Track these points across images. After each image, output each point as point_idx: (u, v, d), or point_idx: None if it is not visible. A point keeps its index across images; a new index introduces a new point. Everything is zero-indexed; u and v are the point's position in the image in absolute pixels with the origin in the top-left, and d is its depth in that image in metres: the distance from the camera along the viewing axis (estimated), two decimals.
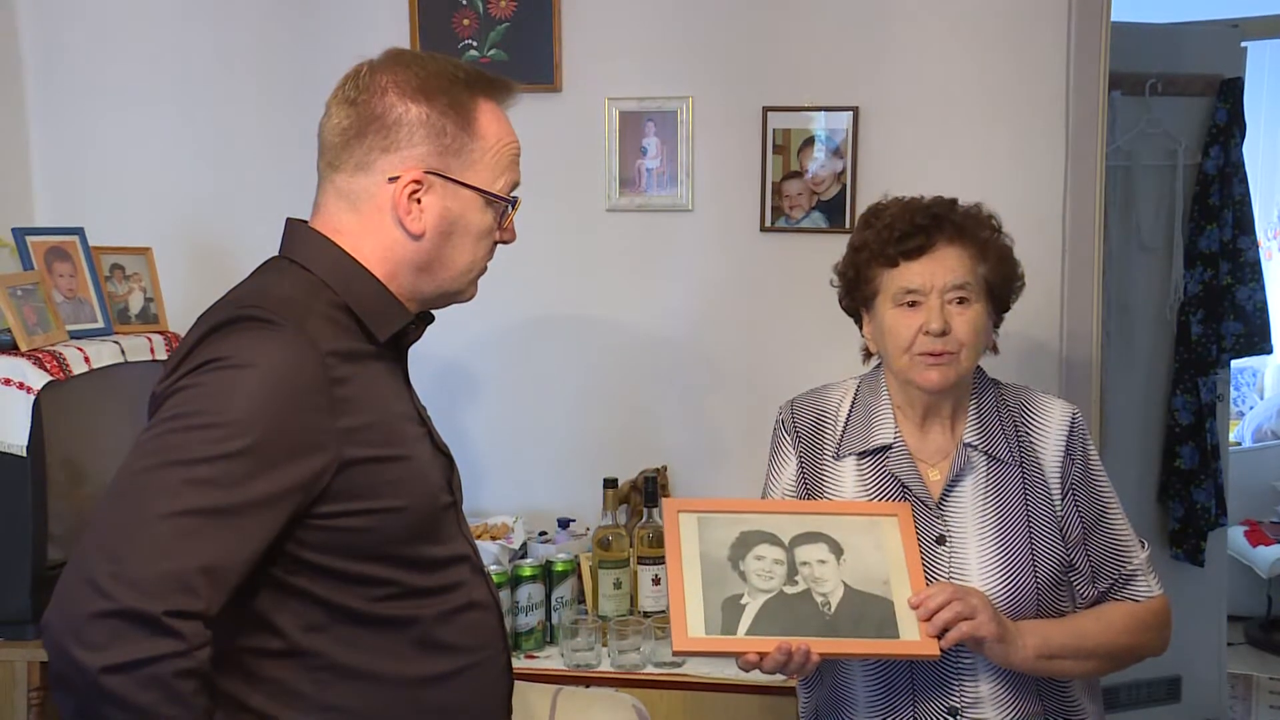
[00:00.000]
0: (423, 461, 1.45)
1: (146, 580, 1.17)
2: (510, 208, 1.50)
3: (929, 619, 1.69)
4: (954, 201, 1.87)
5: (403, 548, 1.39)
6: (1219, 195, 3.51)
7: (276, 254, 1.48)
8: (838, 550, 1.78)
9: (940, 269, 1.80)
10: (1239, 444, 5.06)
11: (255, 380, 1.27)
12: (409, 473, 1.41)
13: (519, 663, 2.38)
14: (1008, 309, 1.91)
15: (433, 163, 1.42)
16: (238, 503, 1.24)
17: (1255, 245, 3.65)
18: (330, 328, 1.37)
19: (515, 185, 1.52)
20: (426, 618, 1.42)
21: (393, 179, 1.42)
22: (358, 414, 1.34)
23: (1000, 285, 1.86)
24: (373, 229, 1.43)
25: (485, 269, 1.54)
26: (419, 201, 1.43)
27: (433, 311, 1.56)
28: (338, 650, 1.36)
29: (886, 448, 1.87)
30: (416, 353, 1.51)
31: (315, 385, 1.31)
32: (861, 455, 1.89)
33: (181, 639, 1.18)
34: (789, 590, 1.74)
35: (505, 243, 1.53)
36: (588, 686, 2.28)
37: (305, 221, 1.48)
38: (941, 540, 1.82)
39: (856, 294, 1.91)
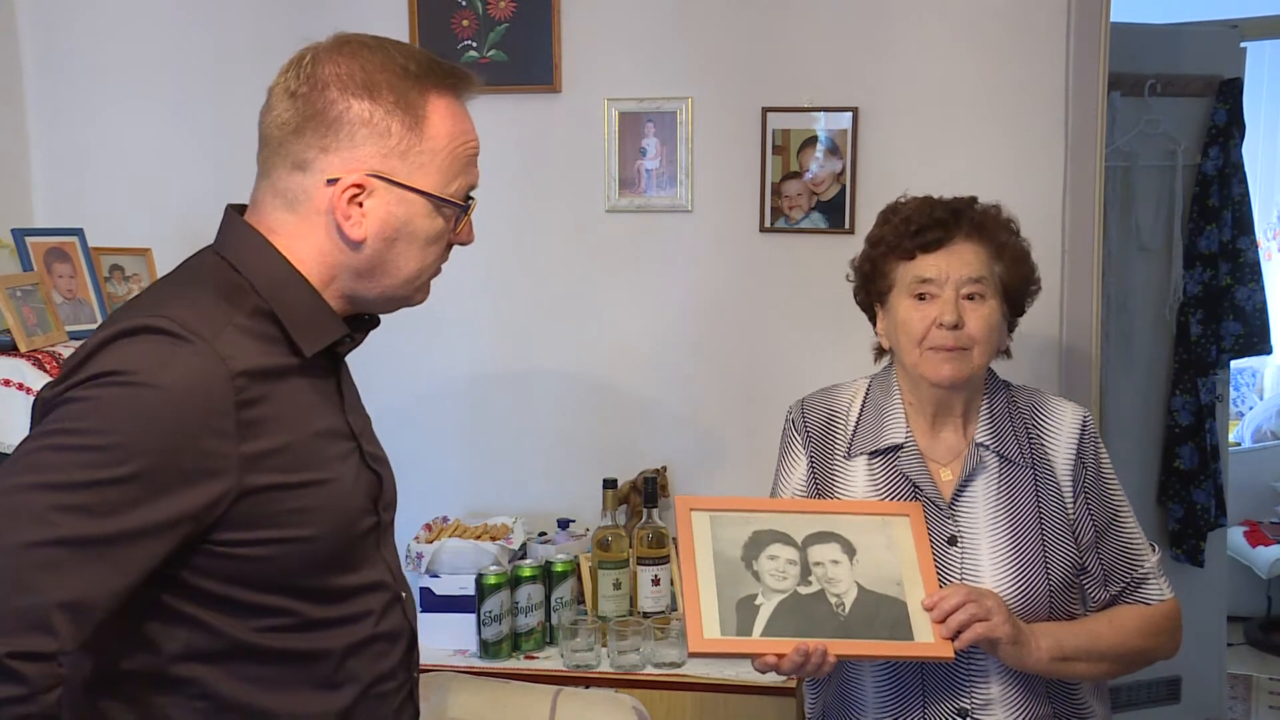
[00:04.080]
0: (343, 484, 1.35)
1: None
2: (465, 213, 1.38)
3: (943, 620, 1.69)
4: (973, 200, 1.88)
5: (306, 578, 1.31)
6: (1218, 196, 3.51)
7: (210, 245, 1.39)
8: (850, 550, 1.78)
9: (957, 262, 1.80)
10: (1238, 444, 5.06)
11: (152, 400, 1.17)
12: (322, 499, 1.31)
13: (519, 663, 2.39)
14: (1022, 312, 1.91)
15: (376, 165, 1.31)
16: (114, 533, 1.14)
17: (1255, 246, 3.65)
18: (249, 341, 1.27)
19: (472, 186, 1.40)
20: (321, 651, 1.33)
21: (332, 181, 1.31)
22: (268, 437, 1.25)
23: (1015, 287, 1.86)
24: (309, 231, 1.33)
25: (439, 271, 1.42)
26: (360, 205, 1.31)
27: (397, 314, 1.45)
28: (218, 681, 1.27)
29: (898, 447, 1.87)
30: (413, 352, 1.49)
31: (219, 408, 1.20)
32: (872, 455, 1.89)
33: (24, 683, 1.09)
34: (803, 590, 1.73)
35: (462, 244, 1.42)
36: (587, 687, 2.28)
37: (245, 210, 1.38)
38: (953, 541, 1.82)
39: (871, 289, 1.91)
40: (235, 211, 1.38)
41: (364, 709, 1.37)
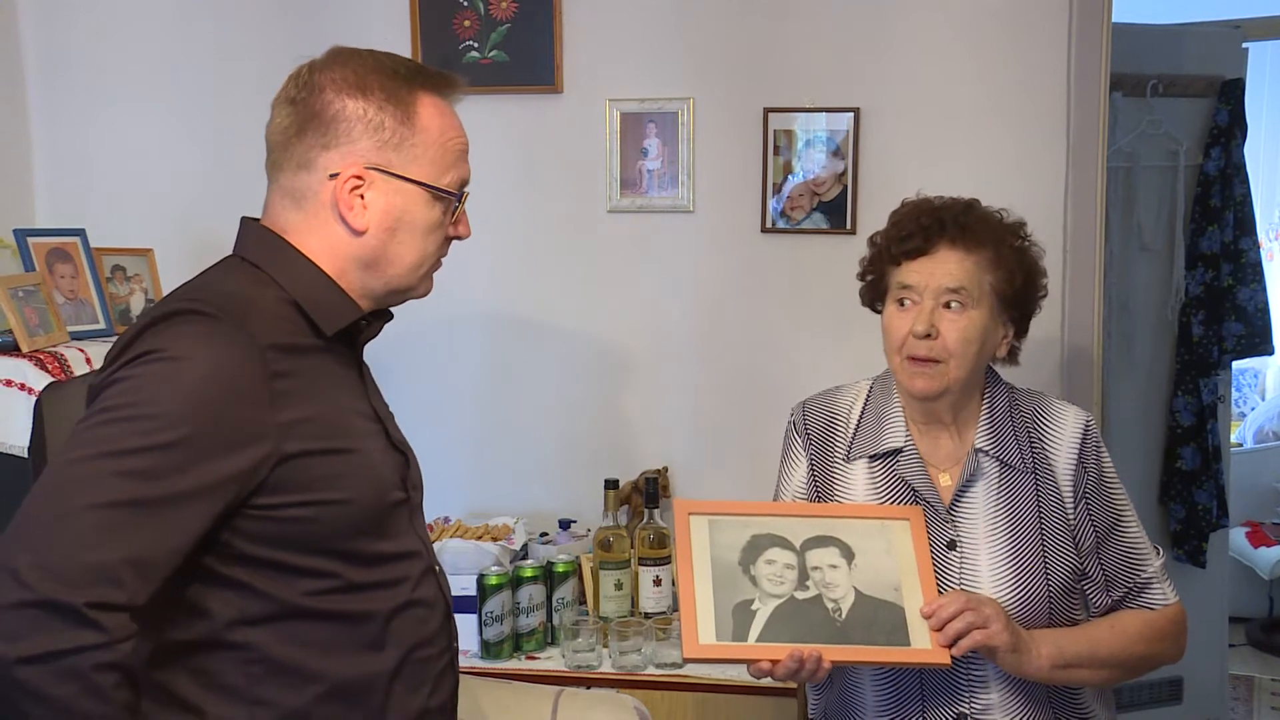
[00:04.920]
0: (372, 456, 1.44)
1: (68, 571, 1.17)
2: (459, 203, 1.49)
3: (941, 628, 1.68)
4: (970, 205, 1.85)
5: (345, 541, 1.39)
6: (1220, 196, 3.50)
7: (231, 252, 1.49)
8: (849, 555, 1.77)
9: (938, 270, 1.79)
10: (1240, 445, 5.06)
11: (191, 373, 1.27)
12: (354, 466, 1.40)
13: (520, 664, 2.39)
14: (1028, 320, 1.87)
15: (373, 158, 1.43)
16: (167, 494, 1.23)
17: (1256, 246, 3.64)
18: (275, 322, 1.38)
19: (465, 181, 1.50)
20: (365, 614, 1.41)
21: (333, 175, 1.42)
22: (299, 407, 1.35)
23: (1015, 296, 1.82)
24: (317, 226, 1.44)
25: (439, 264, 1.53)
26: (362, 197, 1.43)
27: (393, 309, 1.56)
28: (271, 644, 1.36)
29: (897, 451, 1.86)
30: (416, 353, 1.52)
31: (254, 378, 1.31)
32: (872, 458, 1.88)
33: (103, 631, 1.17)
34: (800, 595, 1.73)
35: (459, 238, 1.52)
36: (589, 688, 2.28)
37: (258, 219, 1.49)
38: (953, 546, 1.81)
39: (874, 291, 1.91)
40: (250, 220, 1.49)
41: (409, 672, 1.46)
